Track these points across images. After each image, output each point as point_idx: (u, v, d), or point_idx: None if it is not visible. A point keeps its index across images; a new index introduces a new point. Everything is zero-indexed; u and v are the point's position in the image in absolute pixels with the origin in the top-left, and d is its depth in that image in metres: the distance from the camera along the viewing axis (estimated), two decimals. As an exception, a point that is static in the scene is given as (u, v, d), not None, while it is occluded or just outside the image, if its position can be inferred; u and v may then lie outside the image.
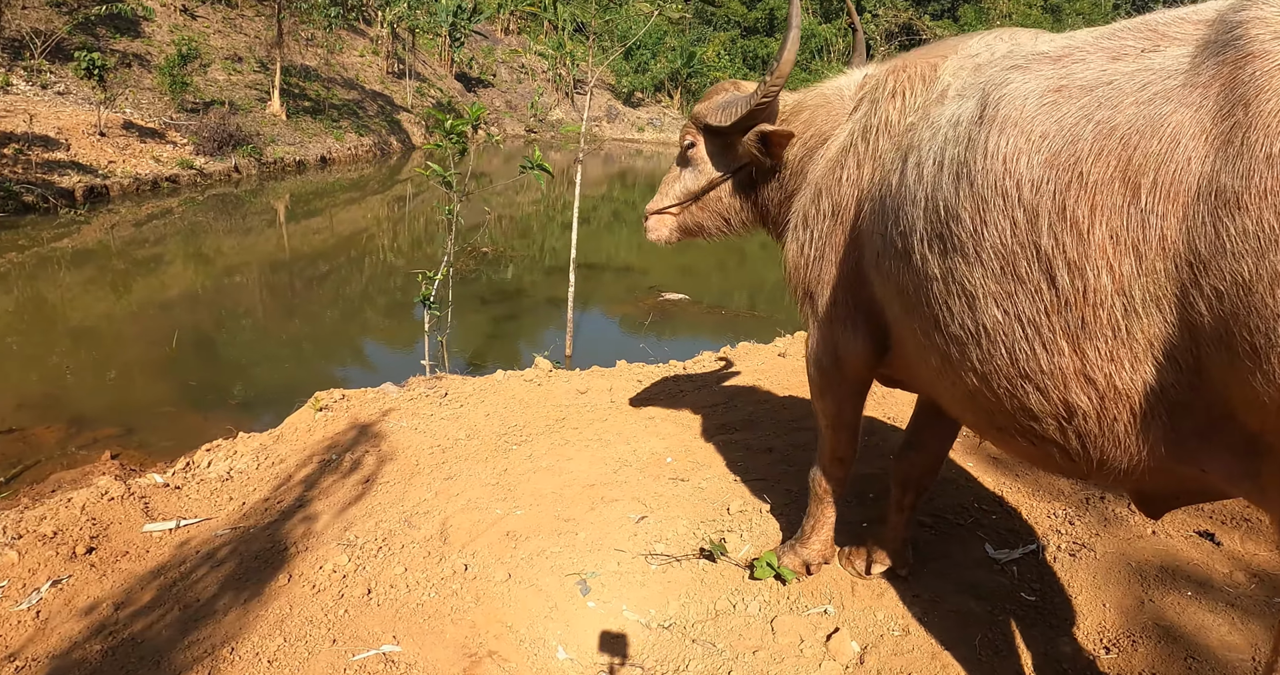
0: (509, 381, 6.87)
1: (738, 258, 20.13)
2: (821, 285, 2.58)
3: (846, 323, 2.53)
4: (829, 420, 2.83)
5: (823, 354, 2.69)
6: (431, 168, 8.98)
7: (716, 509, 3.77)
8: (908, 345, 2.22)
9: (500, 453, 5.22)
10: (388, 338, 12.87)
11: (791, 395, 5.35)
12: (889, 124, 2.28)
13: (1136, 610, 2.91)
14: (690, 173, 3.26)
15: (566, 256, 10.31)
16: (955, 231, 1.75)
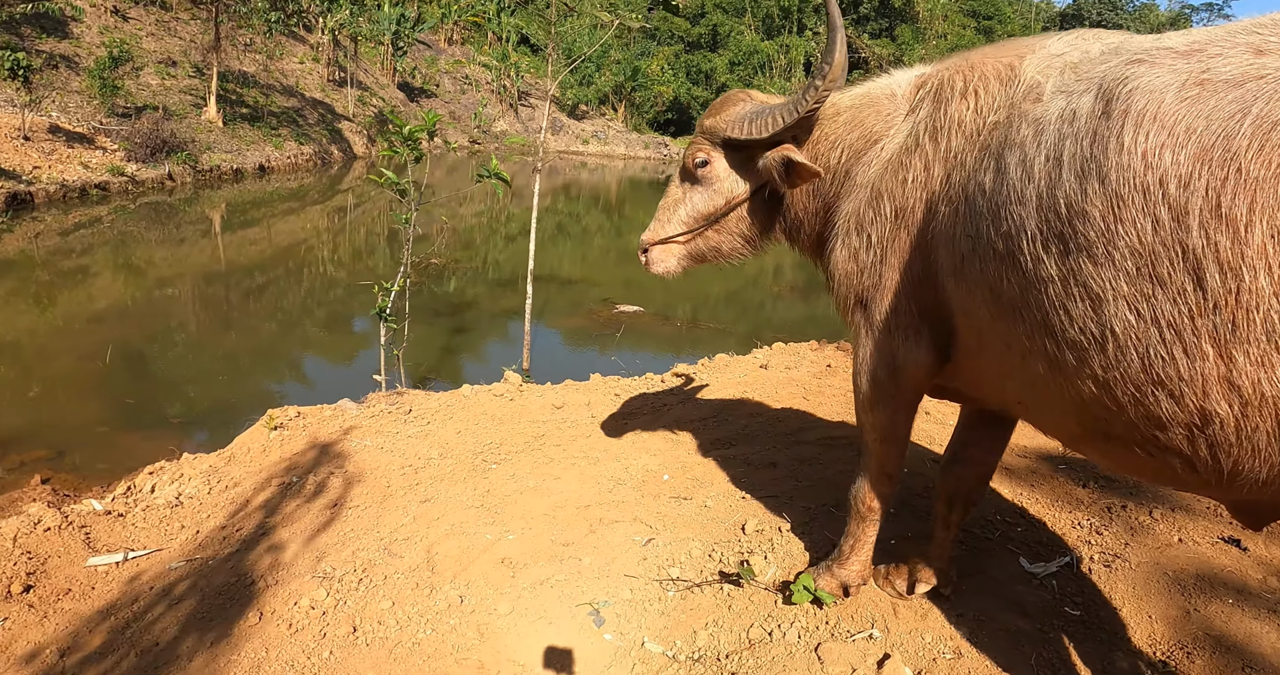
0: (478, 397, 6.54)
1: None
2: (879, 292, 2.41)
3: (908, 331, 2.38)
4: (880, 434, 2.65)
5: (878, 365, 2.52)
6: (386, 175, 8.62)
7: (729, 529, 3.55)
8: (992, 352, 2.09)
9: (479, 472, 4.91)
10: (333, 352, 12.35)
11: (786, 408, 5.18)
12: (962, 124, 2.16)
13: (1183, 621, 2.81)
14: (703, 193, 2.98)
15: (514, 268, 10.03)
16: (1081, 230, 1.65)
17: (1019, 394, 2.10)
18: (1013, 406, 2.29)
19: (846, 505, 3.45)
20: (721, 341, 13.89)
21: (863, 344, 2.56)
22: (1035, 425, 2.28)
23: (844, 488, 3.83)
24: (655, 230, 3.13)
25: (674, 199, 3.08)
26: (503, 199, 27.15)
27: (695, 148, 2.96)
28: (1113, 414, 1.76)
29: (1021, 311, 1.85)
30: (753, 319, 15.85)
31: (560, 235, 24.40)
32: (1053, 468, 4.00)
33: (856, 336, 2.59)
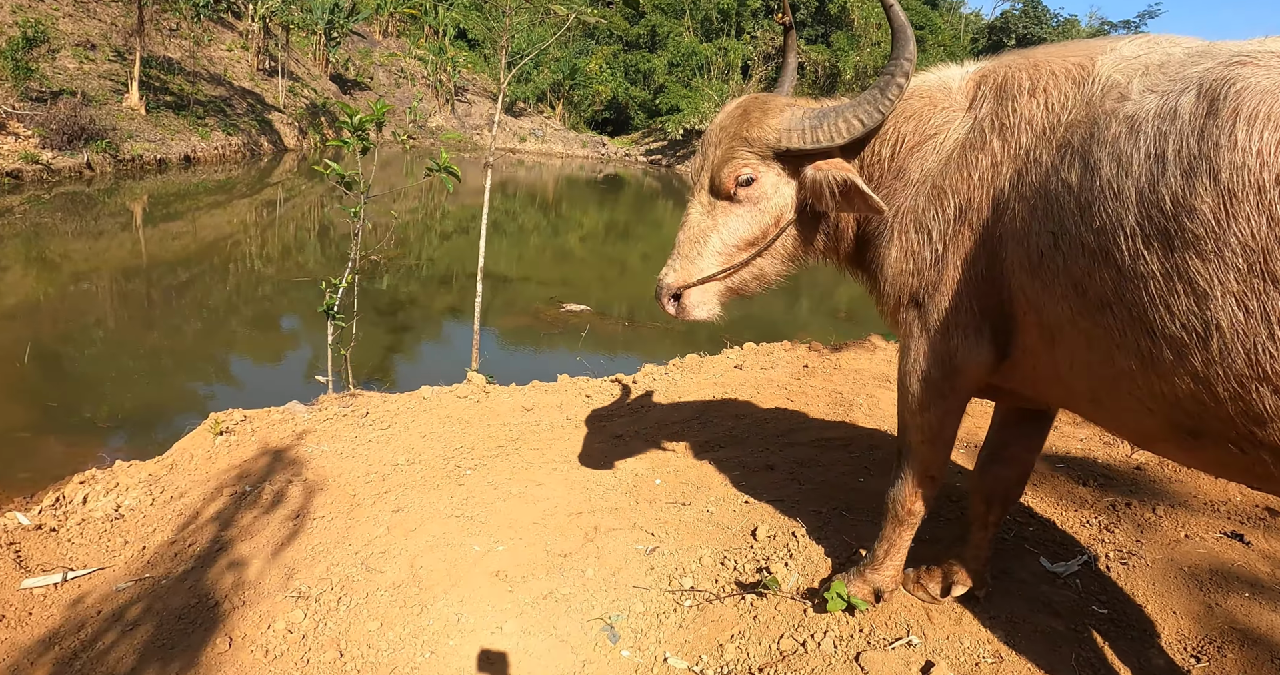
0: (440, 399, 6.25)
1: (618, 269, 20.00)
2: (938, 291, 2.33)
3: (968, 330, 2.30)
4: (928, 435, 2.54)
5: (932, 365, 2.43)
6: (331, 166, 8.21)
7: (739, 535, 3.39)
8: (1066, 350, 2.04)
9: (452, 479, 4.64)
10: (267, 352, 11.77)
11: (772, 409, 5.06)
12: (1032, 121, 2.12)
13: (1207, 616, 2.80)
14: (745, 216, 2.58)
15: (451, 266, 9.71)
16: (1189, 227, 1.65)
17: (1094, 391, 2.05)
18: (1081, 404, 2.22)
19: (877, 509, 3.39)
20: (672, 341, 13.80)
21: (914, 345, 2.45)
22: (1104, 423, 2.24)
23: (850, 490, 3.74)
24: (686, 269, 2.63)
25: (701, 229, 2.61)
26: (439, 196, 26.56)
27: (737, 163, 2.52)
28: (1207, 410, 1.75)
29: (1113, 307, 1.83)
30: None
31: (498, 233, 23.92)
32: (1051, 467, 3.97)
33: (907, 337, 2.48)
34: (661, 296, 2.69)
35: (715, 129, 2.60)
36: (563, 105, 46.44)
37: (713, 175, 2.59)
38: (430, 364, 11.81)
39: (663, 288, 2.68)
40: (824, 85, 43.03)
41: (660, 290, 2.68)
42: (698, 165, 2.66)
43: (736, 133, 2.53)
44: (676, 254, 2.66)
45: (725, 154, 2.55)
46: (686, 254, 2.63)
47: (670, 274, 2.66)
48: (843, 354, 6.32)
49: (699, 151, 2.66)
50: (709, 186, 2.61)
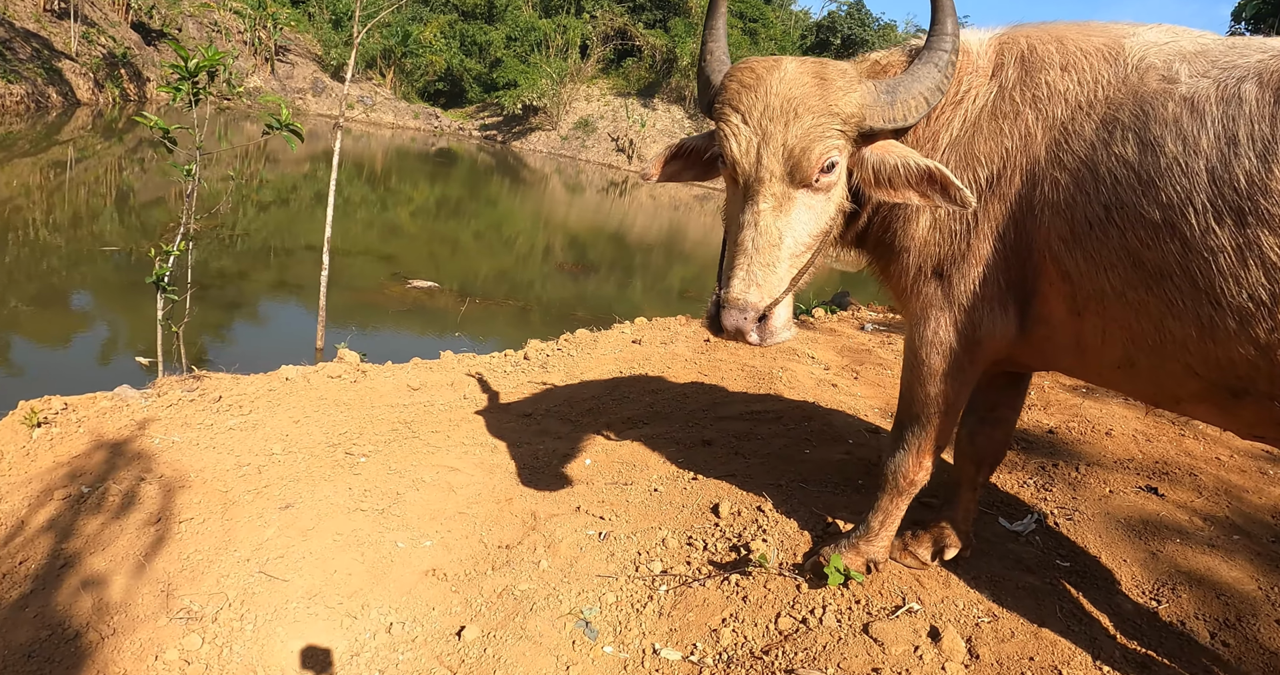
0: (309, 380, 5.60)
1: (451, 247, 19.31)
2: (966, 262, 2.28)
3: (994, 302, 2.28)
4: (942, 407, 2.47)
5: (953, 337, 2.36)
6: (152, 119, 7.17)
7: (698, 514, 3.19)
8: (1102, 319, 2.12)
9: (345, 468, 4.13)
10: (70, 332, 10.27)
11: (689, 384, 4.89)
12: (1067, 94, 2.15)
13: (1152, 562, 2.97)
14: (818, 209, 2.20)
15: (269, 239, 8.86)
16: (1264, 205, 1.78)
17: (1131, 358, 2.12)
18: (1103, 371, 2.27)
19: (835, 480, 3.32)
20: (532, 319, 13.44)
21: (935, 317, 2.38)
22: (1127, 386, 2.29)
23: (799, 462, 3.64)
24: (769, 281, 2.13)
25: (777, 229, 2.14)
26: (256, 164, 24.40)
27: (829, 144, 2.10)
28: (1259, 372, 1.90)
29: (1173, 278, 1.93)
30: (547, 296, 15.53)
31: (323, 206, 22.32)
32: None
33: (925, 309, 2.39)
34: (739, 321, 2.10)
35: (781, 101, 2.08)
36: (394, 73, 43.91)
37: (795, 159, 2.10)
38: (270, 343, 10.75)
39: (744, 308, 2.09)
40: (661, 69, 43.50)
41: (735, 312, 2.09)
42: (753, 150, 2.12)
43: (822, 106, 2.09)
44: (748, 263, 2.12)
45: (810, 133, 2.09)
46: (765, 262, 2.12)
47: (752, 289, 2.10)
48: (738, 328, 6.27)
49: (748, 132, 2.12)
50: (786, 174, 2.12)
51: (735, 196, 2.24)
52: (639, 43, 44.87)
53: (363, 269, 15.23)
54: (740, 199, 2.20)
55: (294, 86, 39.46)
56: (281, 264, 14.94)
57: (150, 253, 7.02)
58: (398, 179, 29.45)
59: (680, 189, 36.59)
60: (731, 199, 2.29)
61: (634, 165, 39.70)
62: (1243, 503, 3.44)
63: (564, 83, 42.67)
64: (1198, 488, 3.53)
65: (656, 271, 20.39)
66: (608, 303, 15.73)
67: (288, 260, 15.23)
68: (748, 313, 2.09)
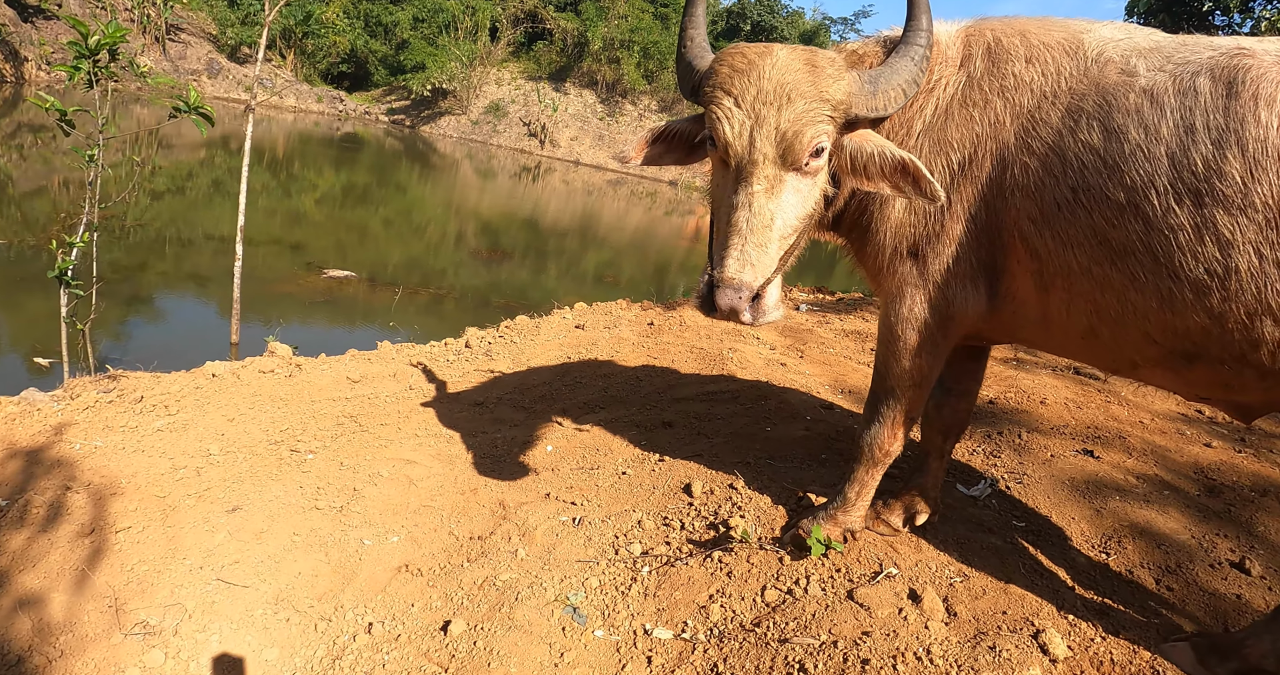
0: (240, 375, 5.36)
1: (358, 234, 18.81)
2: (939, 242, 2.40)
3: (965, 279, 2.42)
4: (916, 379, 2.57)
5: (927, 313, 2.48)
6: (46, 99, 6.70)
7: (670, 495, 3.21)
8: (1068, 293, 2.27)
9: (293, 466, 3.98)
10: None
11: (641, 367, 4.90)
12: (1032, 85, 2.30)
13: (1098, 519, 3.16)
14: (805, 192, 2.25)
15: (172, 228, 8.47)
16: (1219, 187, 1.96)
17: (1094, 329, 2.28)
18: (1066, 341, 2.42)
19: (800, 455, 3.40)
20: (445, 307, 13.18)
21: (908, 295, 2.49)
22: (1087, 355, 2.46)
23: (762, 440, 3.70)
24: (762, 261, 2.17)
25: (769, 210, 2.18)
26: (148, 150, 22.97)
27: (820, 129, 2.15)
28: (1211, 338, 2.08)
29: (1136, 254, 2.10)
30: (463, 283, 15.29)
31: (221, 194, 21.20)
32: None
33: (901, 287, 2.50)
34: (734, 300, 2.12)
35: (774, 85, 2.12)
36: (295, 54, 42.01)
37: (788, 143, 2.14)
38: (181, 339, 10.19)
39: (738, 287, 2.12)
40: (573, 53, 43.10)
41: (730, 291, 2.12)
42: (746, 132, 2.15)
43: (813, 92, 2.14)
44: (742, 243, 2.14)
45: (803, 117, 2.13)
46: (759, 242, 2.15)
47: (747, 269, 2.13)
48: (681, 312, 6.32)
49: (741, 115, 2.15)
50: (778, 157, 2.16)
51: (725, 179, 2.27)
52: (550, 26, 44.28)
53: (273, 259, 14.61)
54: (731, 181, 2.23)
55: (187, 68, 37.28)
56: (185, 255, 14.18)
57: (53, 245, 6.55)
58: (302, 165, 28.28)
59: (592, 174, 36.43)
60: (721, 182, 2.31)
61: (546, 150, 39.34)
62: (1168, 461, 3.69)
63: (474, 66, 41.77)
64: (1128, 449, 3.77)
65: (572, 256, 20.30)
66: (523, 289, 15.59)
67: (192, 251, 14.47)
68: (742, 292, 2.12)
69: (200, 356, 5.98)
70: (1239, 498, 3.39)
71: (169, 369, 5.74)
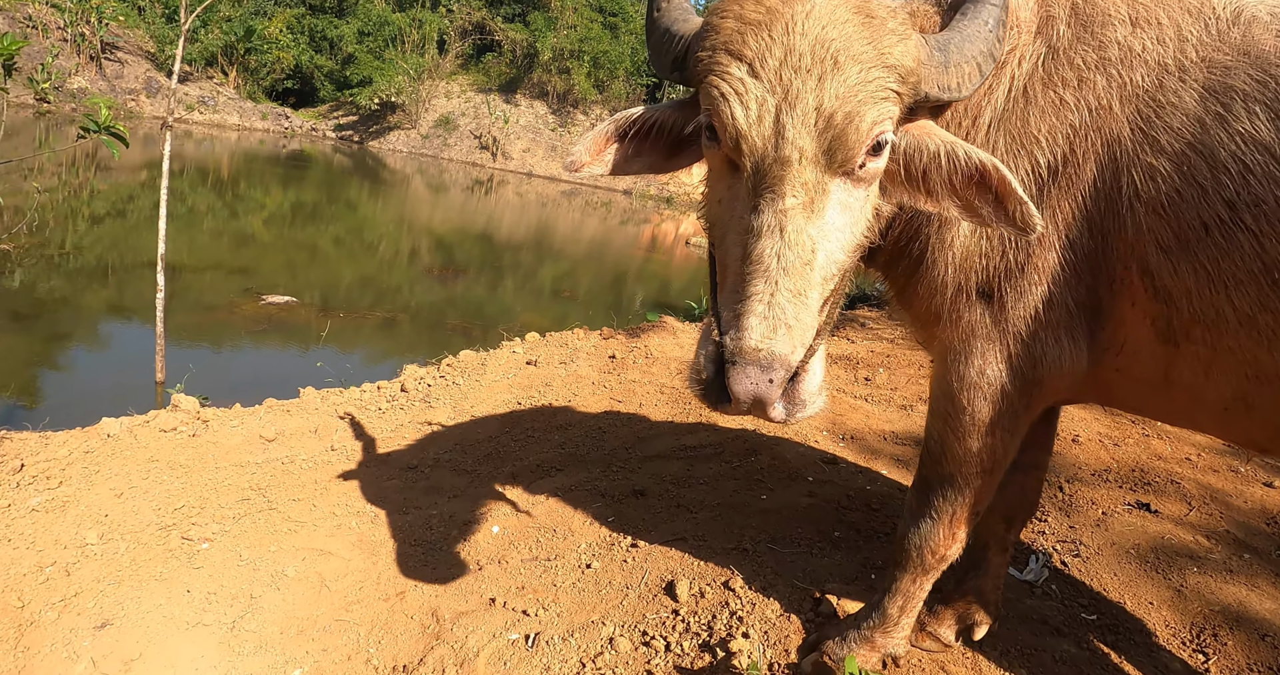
0: (137, 436, 4.57)
1: (309, 254, 17.96)
2: (1024, 278, 1.74)
3: (1062, 329, 1.77)
4: (987, 464, 1.92)
5: (1005, 376, 1.81)
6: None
7: (648, 598, 2.53)
8: (1208, 348, 1.65)
9: (182, 560, 3.25)
10: None
11: (607, 412, 4.21)
12: (1144, 54, 1.66)
13: (1181, 603, 2.60)
14: (857, 208, 1.53)
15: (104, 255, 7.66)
16: None
17: (1250, 397, 1.66)
18: (1205, 411, 1.78)
19: (810, 536, 2.71)
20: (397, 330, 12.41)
21: (978, 350, 1.82)
22: (1225, 429, 1.82)
23: (758, 513, 3.04)
24: (800, 318, 1.42)
25: (805, 236, 1.44)
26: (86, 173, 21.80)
27: (881, 111, 1.43)
28: None
29: None
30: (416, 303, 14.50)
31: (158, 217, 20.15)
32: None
33: (967, 340, 1.83)
34: (761, 386, 1.38)
35: (811, 44, 1.41)
36: (237, 71, 40.61)
37: (837, 131, 1.41)
38: (99, 384, 9.25)
39: (768, 365, 1.38)
40: (522, 65, 42.47)
41: (755, 372, 1.38)
42: (770, 115, 1.42)
43: (872, 54, 1.43)
44: (771, 293, 1.41)
45: (859, 90, 1.41)
46: (795, 289, 1.42)
47: (780, 333, 1.39)
48: (646, 340, 5.65)
49: (759, 89, 1.42)
50: (822, 154, 1.43)
51: (734, 193, 1.52)
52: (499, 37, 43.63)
53: (210, 285, 13.67)
54: (746, 195, 1.48)
55: (125, 87, 35.74)
56: (114, 284, 13.18)
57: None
58: (247, 184, 27.18)
59: (546, 185, 35.67)
60: (726, 197, 1.55)
61: (498, 163, 38.60)
62: (1233, 510, 3.14)
63: (422, 79, 40.92)
64: (1184, 497, 3.20)
65: (528, 270, 19.59)
66: (479, 305, 14.87)
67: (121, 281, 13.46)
68: (774, 371, 1.36)
69: (123, 400, 5.18)
70: (1328, 558, 2.84)
71: (76, 419, 4.96)
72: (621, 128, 1.70)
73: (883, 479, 3.29)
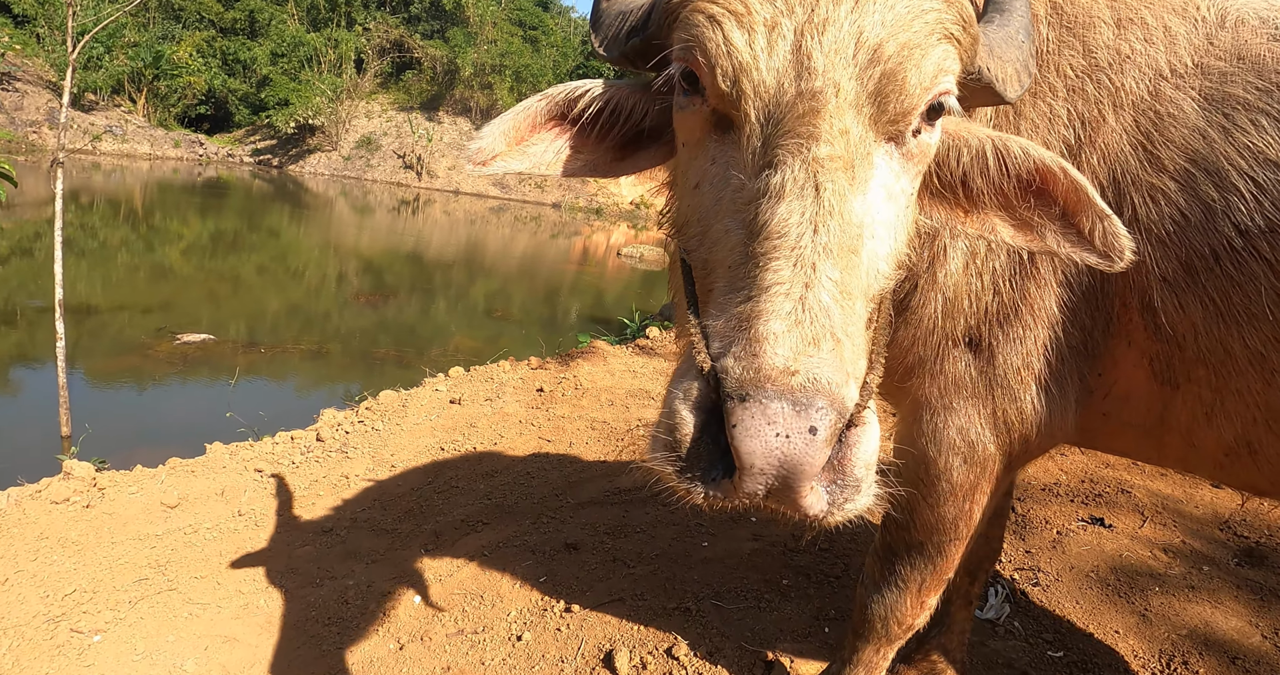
0: (24, 510, 4.15)
1: (231, 286, 17.30)
2: (1015, 324, 1.52)
3: (1053, 380, 1.54)
4: (962, 532, 1.72)
5: (989, 436, 1.59)
6: None
7: (583, 672, 2.28)
8: (1211, 389, 1.48)
9: (71, 658, 2.93)
10: None
11: (535, 454, 3.95)
12: (1133, 58, 1.48)
13: (1145, 628, 2.49)
14: (901, 199, 1.12)
15: (8, 299, 7.13)
16: None
17: (1255, 442, 1.49)
18: (1203, 456, 1.59)
19: (756, 590, 2.47)
20: (326, 361, 11.91)
21: (960, 408, 1.59)
22: (1225, 474, 1.63)
23: (699, 564, 2.82)
24: (849, 330, 0.92)
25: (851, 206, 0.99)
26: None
27: (944, 53, 1.07)
28: None
29: None
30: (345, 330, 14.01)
31: (74, 254, 19.06)
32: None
33: (948, 396, 1.59)
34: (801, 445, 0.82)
35: None
36: (146, 98, 39.02)
37: (888, 71, 1.02)
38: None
39: (812, 398, 0.83)
40: (444, 81, 41.90)
41: (798, 409, 0.83)
42: (786, 44, 1.02)
43: (938, 6, 1.06)
44: (804, 282, 0.91)
45: (913, 23, 1.04)
46: (842, 281, 0.94)
47: (825, 348, 0.87)
48: (576, 369, 5.41)
49: (768, 10, 1.03)
50: (870, 102, 1.02)
51: (726, 162, 1.07)
52: (418, 55, 43.02)
53: (123, 326, 12.93)
54: (750, 159, 1.02)
55: (25, 118, 33.98)
56: (13, 331, 12.35)
57: None
58: (162, 215, 26.07)
59: (473, 202, 35.14)
60: (711, 172, 1.10)
61: (424, 181, 37.96)
62: (1186, 518, 3.07)
63: (341, 100, 40.00)
64: (1137, 508, 3.12)
65: (459, 290, 19.19)
66: (410, 329, 14.45)
67: (21, 326, 12.63)
68: (818, 412, 0.83)
69: (21, 474, 4.70)
70: (1283, 562, 2.78)
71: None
72: (558, 108, 1.26)
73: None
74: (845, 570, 2.73)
